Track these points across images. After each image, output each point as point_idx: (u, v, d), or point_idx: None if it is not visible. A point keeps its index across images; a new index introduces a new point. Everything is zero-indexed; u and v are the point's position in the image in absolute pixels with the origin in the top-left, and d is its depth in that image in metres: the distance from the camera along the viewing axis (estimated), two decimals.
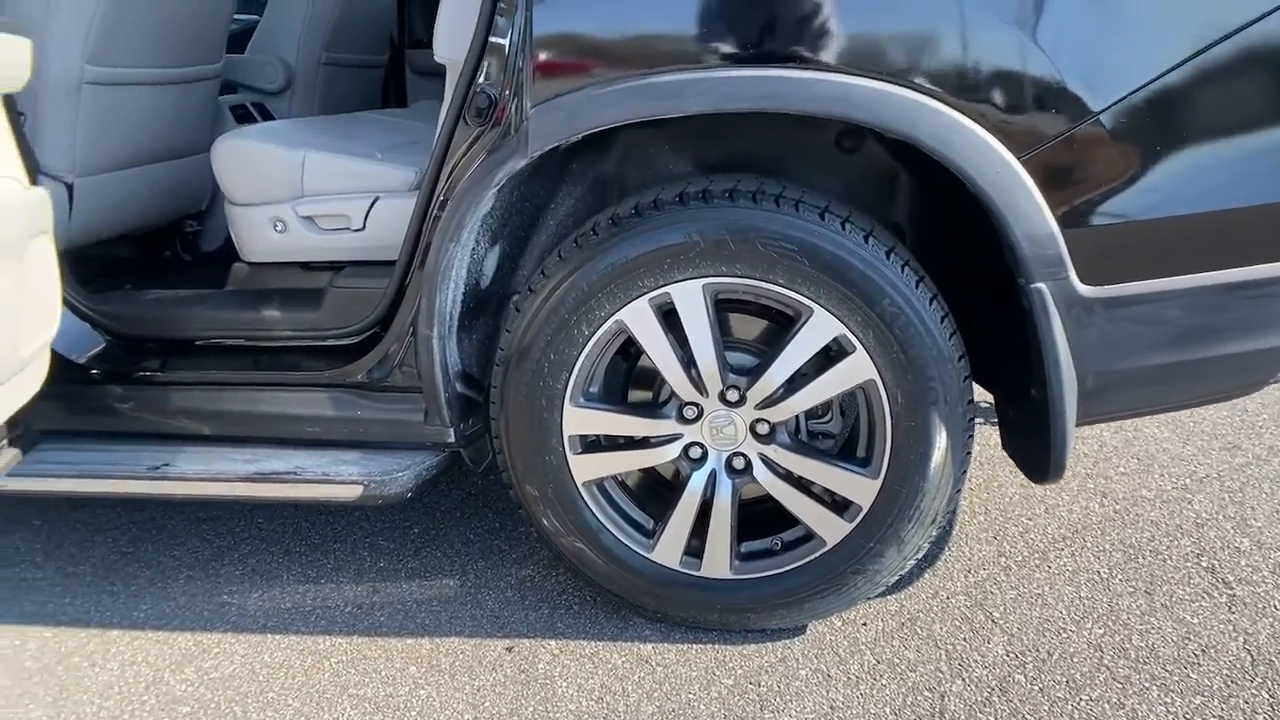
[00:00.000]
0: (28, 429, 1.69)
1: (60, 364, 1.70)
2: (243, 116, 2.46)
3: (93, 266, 1.97)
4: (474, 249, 1.53)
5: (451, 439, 1.61)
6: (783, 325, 1.46)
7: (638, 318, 1.41)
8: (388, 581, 1.83)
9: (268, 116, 2.56)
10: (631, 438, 1.52)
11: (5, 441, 1.62)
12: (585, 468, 1.52)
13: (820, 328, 1.37)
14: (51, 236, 1.53)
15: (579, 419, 1.49)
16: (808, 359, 1.41)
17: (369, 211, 1.76)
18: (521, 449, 1.53)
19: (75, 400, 1.74)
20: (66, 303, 1.72)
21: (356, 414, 1.65)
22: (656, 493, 1.65)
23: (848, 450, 1.58)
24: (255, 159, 1.74)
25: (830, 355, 1.41)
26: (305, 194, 1.77)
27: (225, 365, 1.74)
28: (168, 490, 1.65)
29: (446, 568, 1.87)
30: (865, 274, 1.33)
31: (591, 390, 1.50)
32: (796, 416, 1.53)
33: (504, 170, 1.37)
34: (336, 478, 1.61)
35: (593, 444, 1.53)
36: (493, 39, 1.39)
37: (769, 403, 1.45)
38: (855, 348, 1.37)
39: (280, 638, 1.67)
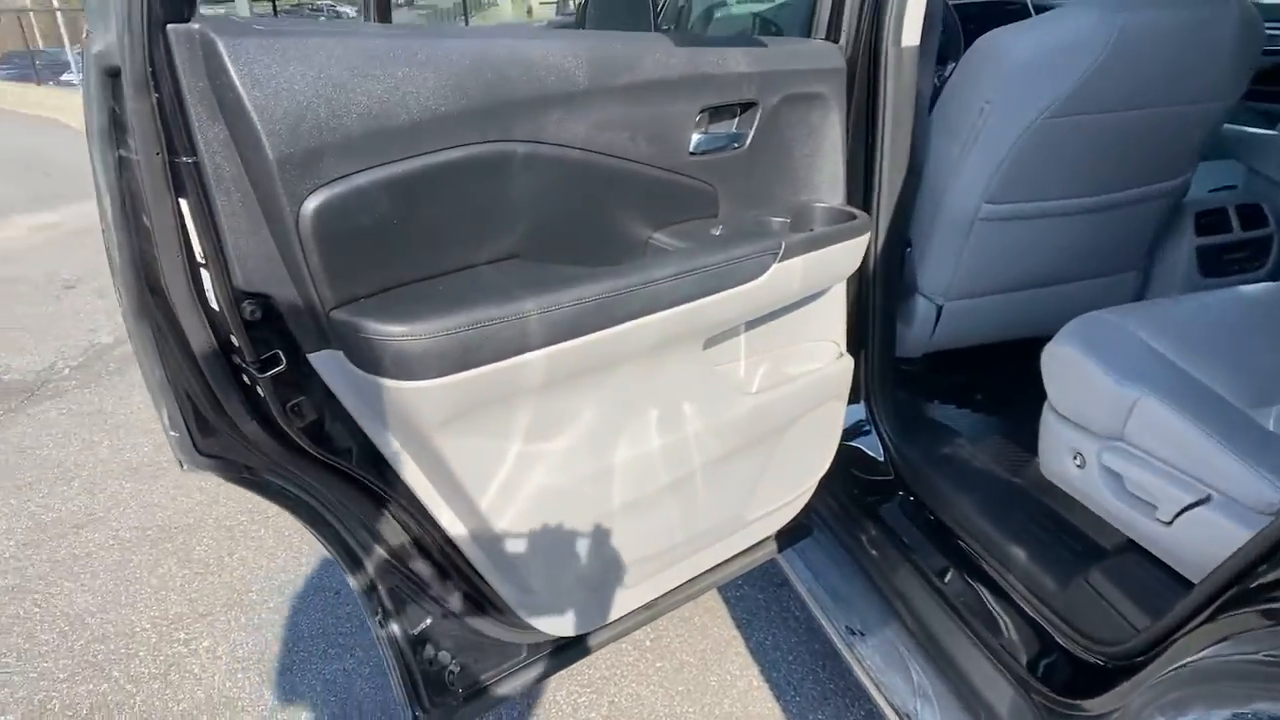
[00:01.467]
0: (803, 525, 1.85)
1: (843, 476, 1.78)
2: (1213, 224, 1.91)
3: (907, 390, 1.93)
4: None
5: None
6: None
7: None
8: None
9: (1254, 223, 1.93)
10: None
11: (773, 532, 1.81)
12: None
13: None
14: (844, 403, 1.56)
15: None
16: None
17: (1186, 510, 1.21)
18: None
19: (848, 515, 1.81)
20: (875, 427, 1.77)
21: None
22: None
23: None
24: (1080, 374, 1.37)
25: None
26: (1123, 441, 1.32)
27: (960, 578, 1.54)
28: (846, 657, 1.63)
29: None
30: None
31: None
32: None
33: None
34: None
35: None
36: None
37: None
38: None
39: None
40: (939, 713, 1.45)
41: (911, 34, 1.40)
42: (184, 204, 0.84)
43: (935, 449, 1.73)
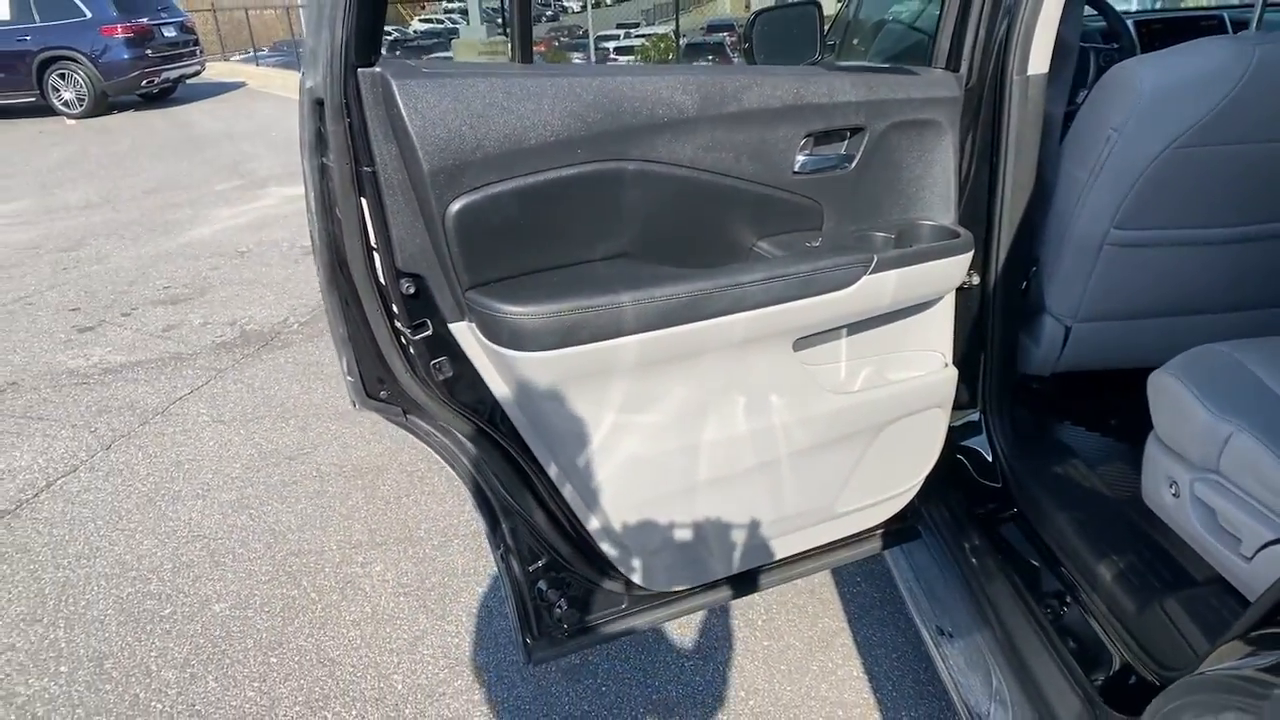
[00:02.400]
0: (911, 526, 1.92)
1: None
2: None
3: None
4: None
5: None
6: None
7: None
8: None
9: None
10: None
11: (876, 529, 1.88)
12: None
13: None
14: (947, 412, 1.63)
15: None
16: None
17: (1267, 546, 1.20)
18: None
19: (955, 520, 1.86)
20: (989, 436, 1.81)
21: None
22: None
23: None
24: (1179, 403, 1.36)
25: None
26: (1217, 474, 1.31)
27: (1049, 593, 1.57)
28: (932, 654, 1.69)
29: None
30: None
31: None
32: None
33: None
34: None
35: None
36: None
37: None
38: None
39: None
40: (1011, 718, 1.50)
41: (1039, 63, 1.44)
42: (364, 202, 1.10)
43: (1046, 466, 1.75)
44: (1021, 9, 1.40)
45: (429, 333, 1.20)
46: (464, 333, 1.21)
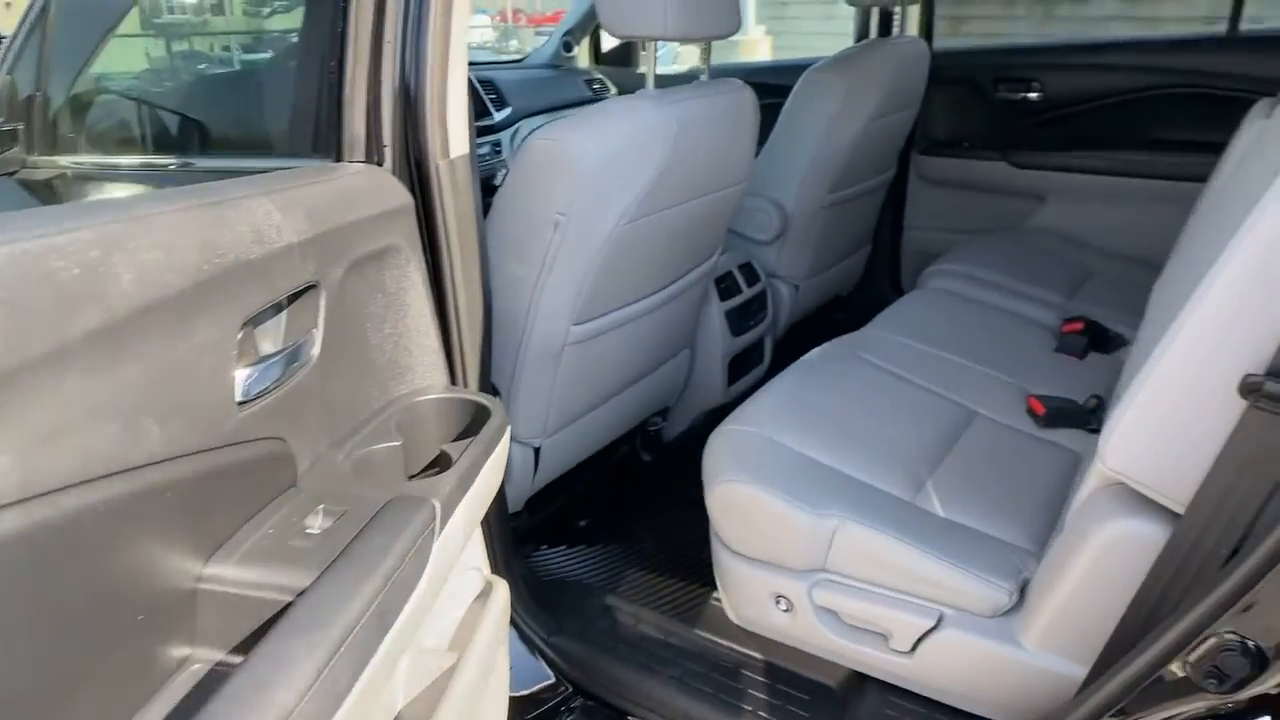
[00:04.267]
0: None
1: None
2: (729, 288, 1.94)
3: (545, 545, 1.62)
4: None
5: None
6: None
7: None
8: None
9: (752, 279, 2.01)
10: None
11: None
12: None
13: None
14: (506, 636, 1.12)
15: None
16: None
17: (925, 637, 1.10)
18: None
19: None
20: (523, 638, 1.36)
21: None
22: None
23: None
24: (768, 513, 1.17)
25: None
26: (829, 573, 1.16)
27: None
28: None
29: None
30: None
31: None
32: None
33: None
34: None
35: None
36: None
37: None
38: None
39: None
40: None
41: (459, 139, 1.03)
42: None
43: (595, 627, 1.39)
44: (427, 78, 0.96)
45: None
46: None
